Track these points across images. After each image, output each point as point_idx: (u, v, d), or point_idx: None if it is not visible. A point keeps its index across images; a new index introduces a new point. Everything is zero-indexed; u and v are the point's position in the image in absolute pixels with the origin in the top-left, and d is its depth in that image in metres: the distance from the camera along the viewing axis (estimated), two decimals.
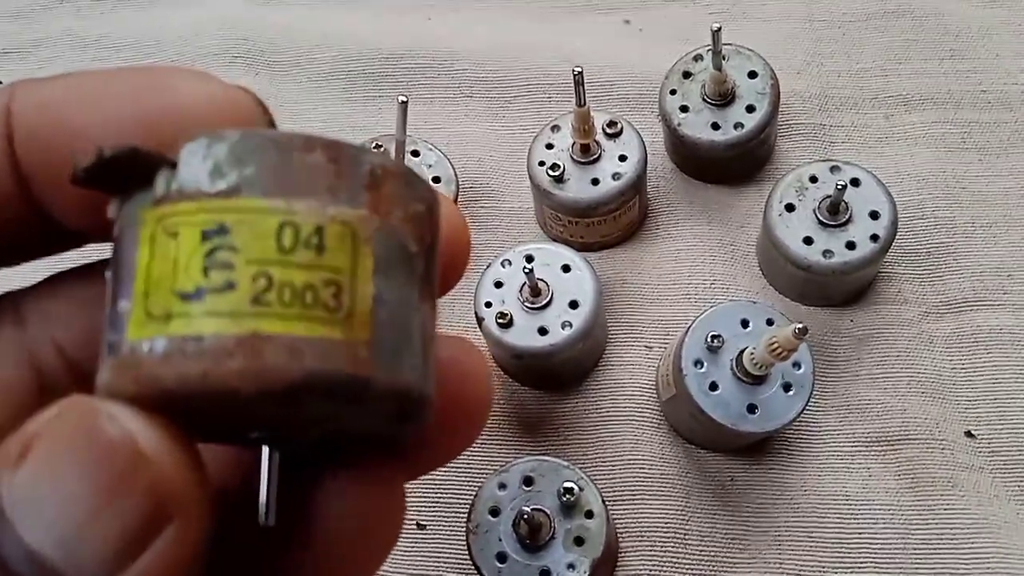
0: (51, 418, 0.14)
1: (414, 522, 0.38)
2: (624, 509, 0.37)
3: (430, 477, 0.39)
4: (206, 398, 0.14)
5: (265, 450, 0.16)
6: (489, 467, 0.38)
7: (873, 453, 0.38)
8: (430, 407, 0.16)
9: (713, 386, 0.35)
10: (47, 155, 0.17)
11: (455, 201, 0.41)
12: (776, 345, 0.32)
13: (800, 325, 0.30)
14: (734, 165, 0.43)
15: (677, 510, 0.37)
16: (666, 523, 0.37)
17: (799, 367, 0.36)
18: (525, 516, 0.33)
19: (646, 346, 0.41)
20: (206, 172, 0.15)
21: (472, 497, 0.35)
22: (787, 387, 0.35)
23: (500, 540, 0.34)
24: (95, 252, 0.18)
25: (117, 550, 0.14)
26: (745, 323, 0.36)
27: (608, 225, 0.41)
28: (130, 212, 0.15)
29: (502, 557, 0.34)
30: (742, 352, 0.35)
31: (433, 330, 0.16)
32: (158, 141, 0.16)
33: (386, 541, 0.18)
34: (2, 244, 0.19)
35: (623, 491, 0.37)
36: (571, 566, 0.33)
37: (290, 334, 0.14)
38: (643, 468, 0.38)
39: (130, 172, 0.15)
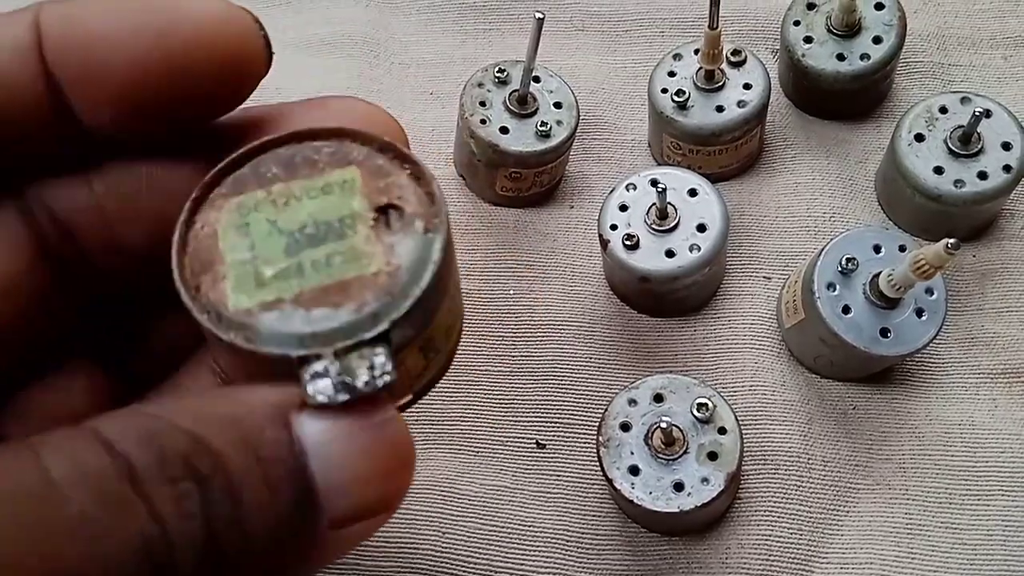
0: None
1: (533, 441, 0.38)
2: (746, 433, 0.37)
3: (548, 399, 0.39)
4: None
5: None
6: (608, 392, 0.39)
7: (999, 385, 0.38)
8: None
9: (846, 309, 0.35)
10: (76, 60, 0.20)
11: (574, 129, 0.41)
12: (923, 262, 0.31)
13: (952, 240, 0.30)
14: (855, 99, 0.43)
15: (799, 435, 0.37)
16: (788, 448, 0.37)
17: (931, 293, 0.35)
18: (662, 427, 0.33)
19: (765, 276, 0.41)
20: None
21: (600, 414, 0.35)
22: (919, 312, 0.35)
23: (632, 454, 0.34)
24: None
25: (371, 506, 0.18)
26: (878, 248, 0.36)
27: (728, 155, 0.41)
28: None
29: (635, 470, 0.34)
30: (876, 276, 0.35)
31: None
32: (167, 50, 0.20)
33: None
34: (36, 153, 0.21)
35: (744, 416, 0.37)
36: (705, 480, 0.33)
37: None
38: (764, 394, 0.38)
39: None
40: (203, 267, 0.19)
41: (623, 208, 0.38)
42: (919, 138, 0.39)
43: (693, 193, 0.38)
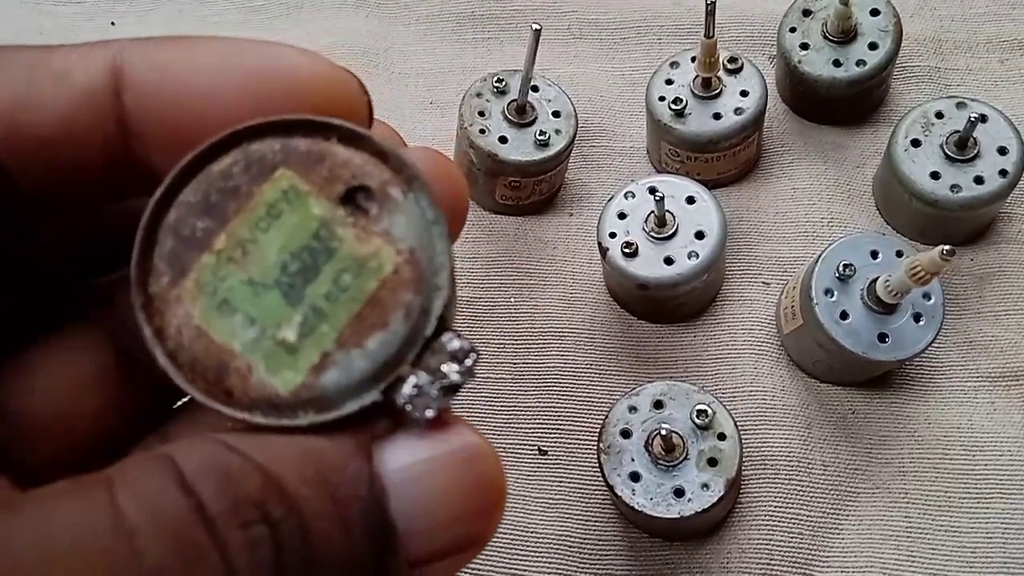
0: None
1: (535, 447, 0.39)
2: (746, 438, 0.38)
3: (550, 406, 0.39)
4: None
5: None
6: (608, 398, 0.39)
7: (998, 388, 0.38)
8: None
9: (843, 315, 0.35)
10: (161, 116, 0.18)
11: (573, 138, 0.41)
12: (919, 268, 0.32)
13: (947, 247, 0.30)
14: (852, 105, 0.43)
15: (799, 440, 0.37)
16: (788, 452, 0.37)
17: (929, 298, 0.36)
18: (662, 434, 0.33)
19: (764, 282, 0.41)
20: None
21: (601, 420, 0.35)
22: (917, 317, 0.35)
23: (633, 460, 0.34)
24: None
25: (456, 546, 0.17)
26: (875, 254, 0.36)
27: (726, 162, 0.42)
28: None
29: (635, 476, 0.34)
30: (874, 281, 0.35)
31: None
32: (266, 112, 0.17)
33: None
34: (103, 196, 0.19)
35: (744, 421, 0.38)
36: (705, 486, 0.34)
37: None
38: (764, 399, 0.38)
39: None
40: (219, 371, 0.16)
41: (622, 216, 0.39)
42: (915, 143, 0.39)
43: (691, 200, 0.38)
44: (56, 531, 0.14)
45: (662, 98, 0.41)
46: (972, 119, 0.37)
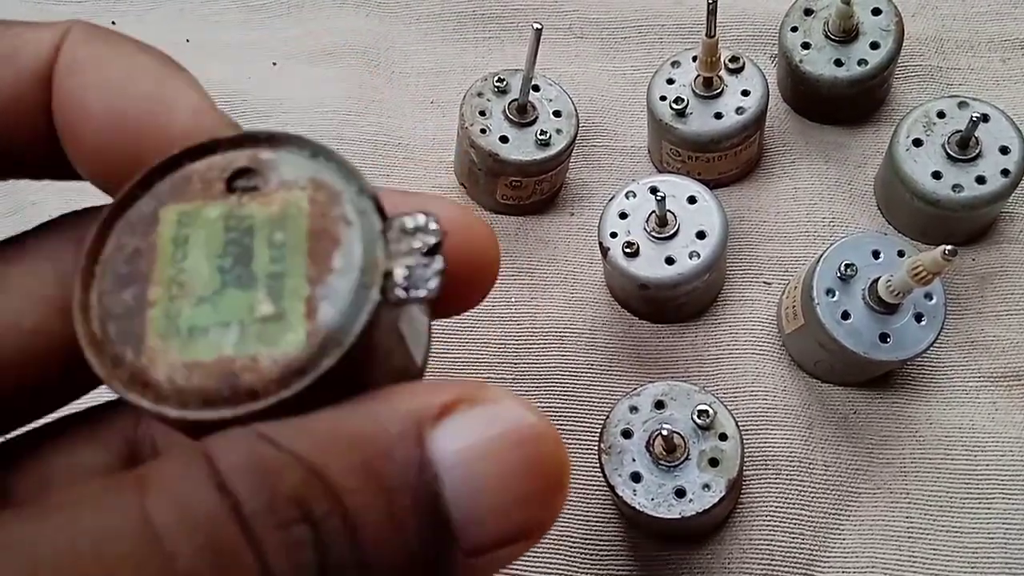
0: (477, 397, 0.16)
1: None
2: (747, 438, 0.38)
3: (550, 406, 0.39)
4: None
5: None
6: (609, 398, 0.39)
7: (999, 388, 0.38)
8: None
9: (845, 315, 0.35)
10: (69, 111, 0.18)
11: (574, 137, 0.41)
12: (920, 268, 0.32)
13: (949, 247, 0.30)
14: (853, 104, 0.43)
15: (800, 440, 0.37)
16: (790, 452, 0.37)
17: (931, 298, 0.36)
18: (663, 434, 0.33)
19: (765, 282, 0.41)
20: None
21: (602, 420, 0.35)
22: (919, 317, 0.35)
23: (634, 460, 0.34)
24: None
25: (515, 534, 0.16)
26: (876, 254, 0.36)
27: (727, 161, 0.42)
28: None
29: (636, 476, 0.34)
30: (875, 281, 0.35)
31: None
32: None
33: None
34: (31, 162, 0.19)
35: (745, 421, 0.38)
36: (706, 486, 0.33)
37: None
38: (765, 399, 0.38)
39: None
40: (231, 381, 0.16)
41: (623, 216, 0.39)
42: (917, 143, 0.39)
43: (692, 200, 0.38)
44: (82, 538, 0.13)
45: (663, 97, 0.41)
46: (974, 118, 0.37)
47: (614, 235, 0.38)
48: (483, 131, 0.40)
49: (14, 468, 0.20)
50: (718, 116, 0.40)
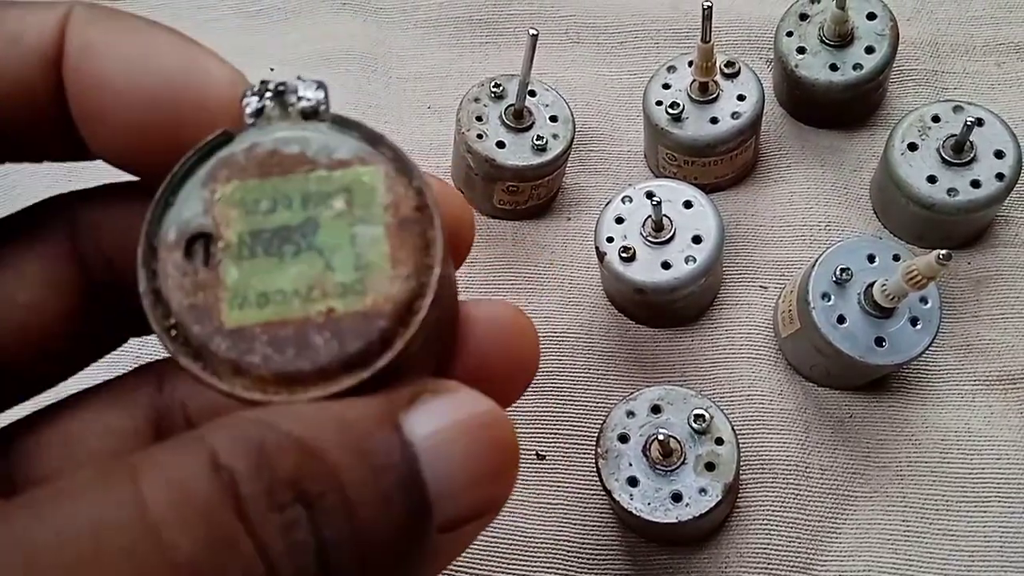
0: (444, 392, 0.17)
1: (533, 452, 0.39)
2: (744, 442, 0.38)
3: (548, 410, 0.39)
4: None
5: None
6: (606, 402, 0.39)
7: (995, 392, 0.38)
8: None
9: (840, 319, 0.35)
10: (106, 92, 0.18)
11: (570, 142, 0.41)
12: (915, 272, 0.32)
13: (943, 251, 0.30)
14: (848, 108, 0.43)
15: (797, 444, 0.37)
16: (786, 456, 0.37)
17: (926, 302, 0.36)
18: (659, 439, 0.33)
19: (761, 286, 0.41)
20: None
21: (599, 424, 0.35)
22: (914, 321, 0.35)
23: (631, 465, 0.34)
24: None
25: (480, 508, 0.17)
26: (871, 258, 0.36)
27: (723, 166, 0.42)
28: None
29: (633, 481, 0.34)
30: (870, 285, 0.35)
31: None
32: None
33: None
34: (33, 146, 0.19)
35: (742, 425, 0.38)
36: (703, 490, 0.34)
37: None
38: (761, 403, 0.38)
39: None
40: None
41: (619, 220, 0.39)
42: (912, 147, 0.39)
43: (688, 205, 0.38)
44: (77, 531, 0.13)
45: (659, 102, 0.41)
46: (969, 123, 0.37)
47: (610, 240, 0.38)
48: (480, 136, 0.40)
49: (33, 443, 0.20)
50: (714, 121, 0.40)
